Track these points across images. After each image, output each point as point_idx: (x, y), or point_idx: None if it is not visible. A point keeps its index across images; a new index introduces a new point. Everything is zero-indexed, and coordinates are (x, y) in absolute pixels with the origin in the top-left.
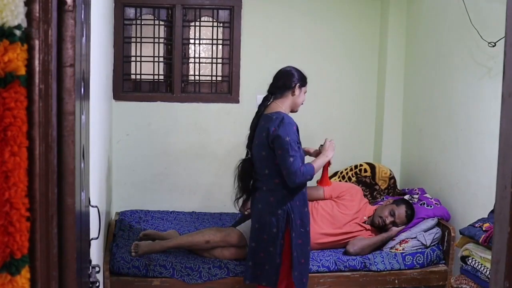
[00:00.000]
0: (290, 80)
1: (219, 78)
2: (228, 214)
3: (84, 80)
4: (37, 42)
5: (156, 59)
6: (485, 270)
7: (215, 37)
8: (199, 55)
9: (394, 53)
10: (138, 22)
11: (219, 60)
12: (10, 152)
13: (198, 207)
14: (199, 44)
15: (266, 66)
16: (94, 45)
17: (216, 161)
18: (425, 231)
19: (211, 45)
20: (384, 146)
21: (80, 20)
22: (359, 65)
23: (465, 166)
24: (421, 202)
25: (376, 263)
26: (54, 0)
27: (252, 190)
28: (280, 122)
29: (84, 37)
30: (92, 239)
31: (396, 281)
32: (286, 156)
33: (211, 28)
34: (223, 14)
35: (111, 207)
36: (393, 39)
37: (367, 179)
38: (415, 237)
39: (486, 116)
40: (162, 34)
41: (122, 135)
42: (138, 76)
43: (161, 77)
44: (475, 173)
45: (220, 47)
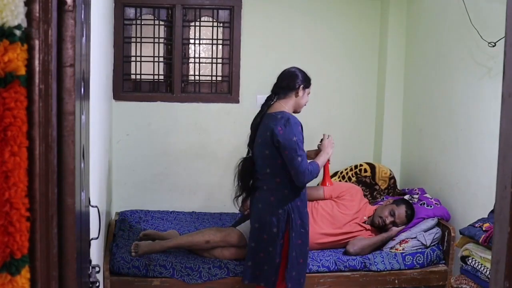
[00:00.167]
0: (294, 81)
1: (219, 78)
2: (228, 214)
3: (84, 80)
4: (37, 42)
5: (156, 59)
6: (485, 270)
7: (215, 37)
8: (199, 55)
9: (394, 53)
10: (138, 22)
11: (219, 60)
12: (10, 152)
13: (198, 207)
14: (199, 44)
15: (266, 66)
16: (94, 45)
17: (216, 161)
18: (425, 231)
19: (211, 45)
20: (384, 146)
21: (80, 20)
22: (359, 65)
23: (465, 166)
24: (421, 202)
25: (376, 263)
26: (54, 0)
27: (252, 190)
28: (286, 121)
29: (84, 37)
30: (92, 239)
31: (396, 281)
32: (294, 156)
33: (211, 28)
34: (223, 14)
35: (111, 207)
36: (393, 39)
37: (367, 179)
38: (415, 237)
39: (486, 116)
40: (162, 34)
41: (122, 135)
42: (138, 76)
43: (161, 77)
44: (475, 173)
45: (220, 47)
